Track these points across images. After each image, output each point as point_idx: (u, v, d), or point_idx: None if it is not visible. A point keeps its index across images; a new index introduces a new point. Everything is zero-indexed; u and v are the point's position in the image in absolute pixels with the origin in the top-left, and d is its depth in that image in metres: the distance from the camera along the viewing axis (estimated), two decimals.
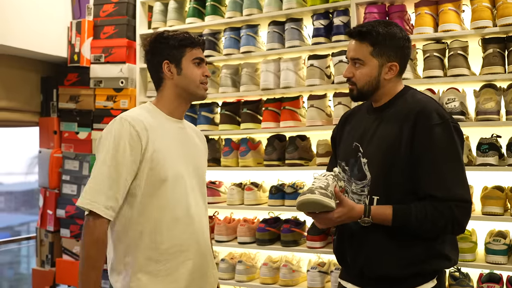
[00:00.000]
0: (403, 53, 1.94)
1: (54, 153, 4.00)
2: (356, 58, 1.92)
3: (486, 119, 2.70)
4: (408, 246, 1.84)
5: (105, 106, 3.83)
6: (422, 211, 1.78)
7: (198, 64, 2.04)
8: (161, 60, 2.02)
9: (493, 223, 2.80)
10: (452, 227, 1.80)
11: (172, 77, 2.02)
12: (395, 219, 1.81)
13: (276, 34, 3.27)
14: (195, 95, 2.06)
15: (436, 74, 2.82)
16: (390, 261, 1.85)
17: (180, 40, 2.02)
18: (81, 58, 3.85)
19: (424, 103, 1.89)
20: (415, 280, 1.85)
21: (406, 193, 1.84)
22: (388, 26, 1.92)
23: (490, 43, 2.73)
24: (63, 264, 3.93)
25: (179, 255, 1.95)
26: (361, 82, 1.93)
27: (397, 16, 2.95)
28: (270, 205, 3.22)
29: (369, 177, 1.89)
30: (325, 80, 3.16)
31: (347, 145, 2.02)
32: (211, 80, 3.49)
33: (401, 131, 1.85)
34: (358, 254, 1.91)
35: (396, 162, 1.84)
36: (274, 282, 3.13)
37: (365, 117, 2.03)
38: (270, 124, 3.25)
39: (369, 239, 1.88)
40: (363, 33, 1.91)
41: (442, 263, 1.88)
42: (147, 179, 1.90)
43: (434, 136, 1.81)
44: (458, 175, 1.82)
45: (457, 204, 1.78)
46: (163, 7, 3.67)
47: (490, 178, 2.86)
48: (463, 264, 2.67)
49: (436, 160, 1.80)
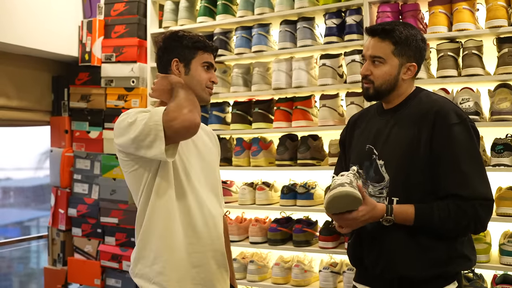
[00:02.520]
0: (421, 55, 1.95)
1: (66, 152, 4.02)
2: (377, 56, 1.91)
3: (501, 119, 2.68)
4: (430, 247, 1.83)
5: (116, 106, 3.84)
6: (445, 210, 1.77)
7: (207, 68, 2.05)
8: (171, 57, 2.02)
9: (507, 224, 2.78)
10: (475, 226, 1.80)
11: (179, 75, 2.01)
12: (418, 218, 1.80)
13: (288, 33, 3.26)
14: (199, 97, 2.01)
15: (450, 74, 2.80)
16: (411, 263, 1.84)
17: (194, 42, 2.03)
18: (92, 57, 3.85)
19: (441, 103, 1.89)
20: (436, 282, 1.85)
21: (426, 193, 1.83)
22: (408, 27, 1.93)
23: (505, 42, 2.70)
24: (74, 263, 3.95)
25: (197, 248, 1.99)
26: (380, 81, 1.92)
27: (411, 15, 2.92)
28: (282, 205, 3.21)
29: (387, 179, 1.88)
30: (337, 79, 3.14)
31: (359, 148, 2.01)
32: (222, 79, 3.48)
33: (419, 132, 1.85)
34: (378, 256, 1.89)
35: (416, 162, 1.84)
36: (286, 282, 3.13)
37: (376, 119, 2.02)
38: (282, 124, 3.24)
39: (390, 241, 1.87)
40: (386, 31, 1.90)
41: (463, 264, 1.88)
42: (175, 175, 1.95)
43: (454, 135, 1.80)
44: (480, 173, 1.82)
45: (481, 202, 1.78)
46: (174, 6, 3.66)
47: (505, 178, 2.83)
48: (477, 265, 2.64)
49: (458, 159, 1.80)
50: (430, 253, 1.82)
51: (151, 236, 1.94)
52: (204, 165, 2.08)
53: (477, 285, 2.64)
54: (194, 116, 1.80)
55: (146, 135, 1.79)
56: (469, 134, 1.83)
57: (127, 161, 1.95)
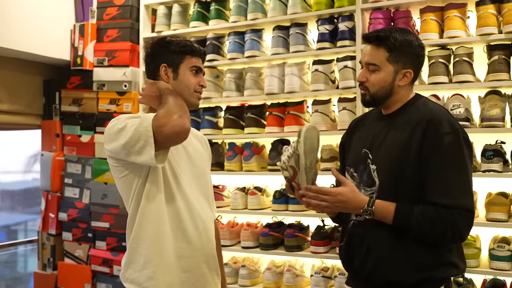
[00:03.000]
0: (418, 61, 1.95)
1: (57, 156, 4.00)
2: (372, 63, 1.92)
3: (491, 126, 2.71)
4: (417, 252, 1.84)
5: (108, 110, 3.83)
6: (424, 213, 1.78)
7: (195, 72, 2.05)
8: (160, 63, 2.03)
9: (497, 229, 2.81)
10: (452, 233, 1.79)
11: (167, 81, 2.01)
12: (397, 216, 1.81)
13: (281, 39, 3.27)
14: (188, 102, 2.01)
15: (441, 80, 2.83)
16: (398, 267, 1.85)
17: (182, 47, 2.04)
18: (84, 61, 3.84)
19: (436, 112, 1.89)
20: (423, 287, 1.85)
21: (413, 200, 1.84)
22: (405, 33, 1.92)
23: (495, 49, 2.74)
24: (65, 267, 3.93)
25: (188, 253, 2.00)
26: (375, 88, 1.93)
27: (402, 22, 2.95)
28: (274, 209, 3.22)
29: (378, 184, 1.89)
30: (329, 85, 3.16)
31: (356, 151, 2.02)
32: (215, 84, 3.49)
33: (410, 138, 1.85)
34: (366, 258, 1.90)
35: (405, 169, 1.84)
36: (277, 287, 3.14)
37: (374, 123, 2.03)
38: (274, 129, 3.25)
39: (378, 245, 1.88)
40: (380, 38, 1.91)
41: (450, 271, 1.88)
42: (165, 179, 1.96)
43: (443, 145, 1.81)
44: (464, 184, 1.82)
45: (459, 212, 1.78)
46: (167, 11, 3.66)
47: (495, 184, 2.87)
48: (467, 270, 2.66)
49: (443, 168, 1.80)
50: (417, 259, 1.83)
51: (142, 240, 1.95)
52: (195, 170, 2.08)
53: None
54: (184, 121, 1.81)
55: (136, 141, 1.80)
56: (459, 144, 1.83)
57: (117, 167, 1.95)
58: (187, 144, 2.07)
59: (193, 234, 1.99)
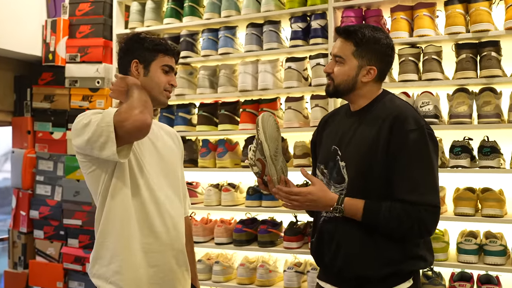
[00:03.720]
0: (384, 60, 1.96)
1: (28, 153, 3.95)
2: (338, 55, 1.95)
3: (459, 123, 2.77)
4: (386, 248, 1.87)
5: (80, 106, 3.80)
6: (392, 210, 1.81)
7: (166, 72, 2.05)
8: (131, 58, 2.02)
9: (464, 224, 2.88)
10: (419, 229, 1.82)
11: (138, 77, 2.01)
12: (365, 213, 1.84)
13: (254, 36, 3.29)
14: (157, 100, 2.03)
15: (411, 78, 2.88)
16: (367, 262, 1.88)
17: (155, 44, 2.03)
18: (56, 57, 3.81)
19: (402, 109, 1.91)
20: (392, 280, 1.89)
21: (382, 197, 1.86)
22: (375, 31, 1.94)
23: (463, 48, 2.81)
24: (36, 266, 3.88)
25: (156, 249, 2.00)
26: (338, 79, 1.96)
27: (374, 20, 3.00)
28: (247, 206, 3.24)
29: (347, 180, 1.92)
30: (302, 82, 3.19)
31: (326, 148, 2.04)
32: (188, 81, 3.49)
33: (378, 136, 1.87)
34: (336, 255, 1.93)
35: (373, 166, 1.87)
36: (251, 282, 3.15)
37: (344, 120, 2.05)
38: (247, 126, 3.26)
39: (347, 241, 1.91)
40: (349, 32, 1.94)
41: (418, 264, 1.92)
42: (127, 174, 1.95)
43: (409, 142, 1.83)
44: (429, 181, 1.85)
45: (426, 208, 1.81)
46: (140, 7, 3.65)
47: (462, 179, 2.94)
48: (436, 263, 2.73)
49: (409, 166, 1.83)
50: (385, 254, 1.86)
51: (108, 235, 1.95)
52: (164, 165, 2.08)
53: (435, 283, 2.72)
54: (145, 116, 1.81)
55: (99, 136, 1.80)
56: (424, 141, 1.85)
57: (85, 162, 1.95)
58: (156, 140, 2.09)
59: (161, 230, 2.00)
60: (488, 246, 2.65)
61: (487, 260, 2.64)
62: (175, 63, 2.10)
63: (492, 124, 2.72)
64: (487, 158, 2.69)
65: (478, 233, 2.80)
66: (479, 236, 2.78)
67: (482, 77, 2.75)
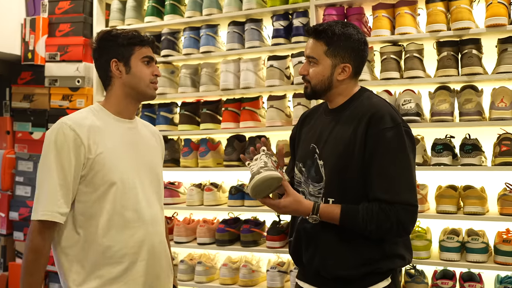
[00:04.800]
0: (357, 55, 1.93)
1: (7, 154, 3.88)
2: (311, 56, 1.92)
3: (441, 120, 2.78)
4: (362, 247, 1.85)
5: (60, 106, 3.75)
6: (369, 212, 1.79)
7: (147, 63, 2.01)
8: (109, 58, 1.97)
9: (447, 221, 2.89)
10: (397, 229, 1.80)
11: (120, 76, 1.98)
12: (342, 218, 1.82)
13: (236, 35, 3.27)
14: (145, 94, 2.01)
15: (393, 76, 2.88)
16: (344, 262, 1.86)
17: (129, 38, 1.98)
18: (35, 56, 3.75)
19: (378, 107, 1.88)
20: (370, 279, 1.87)
21: (359, 195, 1.84)
22: (345, 27, 1.91)
23: (444, 46, 2.81)
24: (16, 268, 3.81)
25: (130, 258, 1.91)
26: (314, 80, 1.93)
27: (355, 18, 2.99)
28: (230, 205, 3.22)
29: (325, 179, 1.90)
30: (284, 81, 3.18)
31: (304, 146, 2.02)
32: (170, 80, 3.46)
33: (355, 134, 1.85)
34: (313, 255, 1.91)
35: (350, 164, 1.85)
36: (233, 282, 3.13)
37: (322, 118, 2.03)
38: (229, 125, 3.24)
39: (324, 241, 1.89)
40: (318, 32, 1.90)
41: (396, 262, 1.90)
42: (94, 183, 1.88)
43: (385, 140, 1.81)
44: (406, 179, 1.83)
45: (403, 207, 1.79)
46: (121, 5, 3.61)
47: (444, 177, 2.94)
48: (418, 261, 2.73)
49: (386, 164, 1.81)
50: (363, 253, 1.85)
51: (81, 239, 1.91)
52: (145, 165, 2.03)
53: (418, 281, 2.72)
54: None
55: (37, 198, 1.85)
56: (401, 139, 1.83)
57: None
58: (137, 140, 2.04)
59: (141, 234, 1.95)
60: (470, 243, 2.65)
61: (469, 257, 2.64)
62: (152, 53, 2.06)
63: (473, 121, 2.73)
64: (468, 156, 2.70)
65: (460, 231, 2.81)
66: (461, 234, 2.78)
67: (463, 75, 2.76)
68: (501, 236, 2.64)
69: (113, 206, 1.90)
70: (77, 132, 1.86)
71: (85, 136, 1.87)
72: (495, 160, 2.69)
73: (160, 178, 2.14)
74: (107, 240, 1.88)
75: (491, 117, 2.70)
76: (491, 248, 2.70)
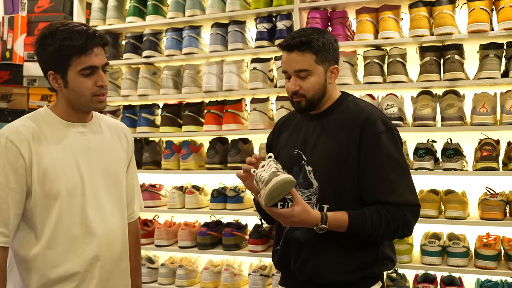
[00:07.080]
0: (337, 54, 1.96)
1: None
2: (303, 69, 1.87)
3: (423, 125, 2.79)
4: (355, 252, 1.85)
5: (39, 106, 3.69)
6: (377, 216, 1.78)
7: (88, 75, 1.75)
8: (46, 69, 1.77)
9: (428, 225, 2.90)
10: (403, 230, 1.82)
11: (60, 89, 1.78)
12: (351, 225, 1.80)
13: (219, 36, 3.24)
14: (89, 108, 1.83)
15: (376, 80, 2.88)
16: (338, 268, 1.86)
17: (62, 48, 1.71)
18: (13, 55, 3.69)
19: (369, 111, 1.90)
20: (363, 284, 1.89)
21: (355, 200, 1.85)
22: (321, 33, 1.91)
23: (427, 51, 2.82)
24: None
25: (80, 277, 1.79)
26: (311, 92, 1.89)
27: (339, 22, 2.99)
28: (212, 208, 3.19)
29: (316, 185, 1.88)
30: (267, 83, 3.16)
31: (287, 152, 1.99)
32: (152, 81, 3.41)
33: (347, 139, 1.86)
34: (305, 262, 1.90)
35: (344, 170, 1.85)
36: (215, 286, 3.11)
37: (303, 124, 2.00)
38: (212, 127, 3.22)
39: (317, 247, 1.88)
40: (304, 43, 1.87)
41: (387, 265, 1.93)
42: (38, 196, 1.74)
43: (381, 143, 1.83)
44: (406, 180, 1.86)
45: (409, 208, 1.81)
46: (102, 5, 3.55)
47: (426, 181, 2.96)
48: (400, 265, 2.74)
49: (384, 167, 1.82)
50: (356, 258, 1.85)
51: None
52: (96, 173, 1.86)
53: (400, 285, 2.73)
54: None
55: None
56: (395, 142, 1.86)
57: None
58: (89, 144, 1.87)
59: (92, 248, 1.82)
60: (451, 247, 2.67)
61: (450, 261, 2.66)
62: (103, 52, 1.79)
63: (455, 126, 2.75)
64: (450, 160, 2.72)
65: (442, 235, 2.83)
66: (442, 238, 2.80)
67: (445, 80, 2.77)
68: (482, 240, 2.66)
69: (59, 221, 1.76)
70: (15, 143, 1.72)
71: (25, 146, 1.73)
72: (476, 165, 2.71)
73: (121, 183, 1.96)
74: (55, 259, 1.76)
75: (473, 122, 2.73)
76: (472, 252, 2.72)
